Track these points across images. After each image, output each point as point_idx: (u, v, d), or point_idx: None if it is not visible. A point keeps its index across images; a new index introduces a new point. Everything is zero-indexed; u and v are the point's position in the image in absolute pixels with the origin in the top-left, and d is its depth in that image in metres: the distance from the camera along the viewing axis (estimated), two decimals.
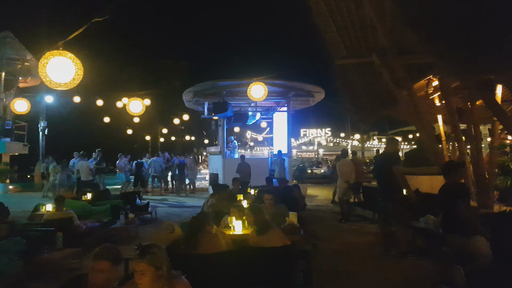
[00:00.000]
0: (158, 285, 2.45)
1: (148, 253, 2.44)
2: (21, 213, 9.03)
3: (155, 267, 2.43)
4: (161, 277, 2.45)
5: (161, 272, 2.45)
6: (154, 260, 2.43)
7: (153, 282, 2.43)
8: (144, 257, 2.43)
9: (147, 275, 2.41)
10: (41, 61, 4.97)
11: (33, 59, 18.37)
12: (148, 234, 7.64)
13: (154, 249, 2.49)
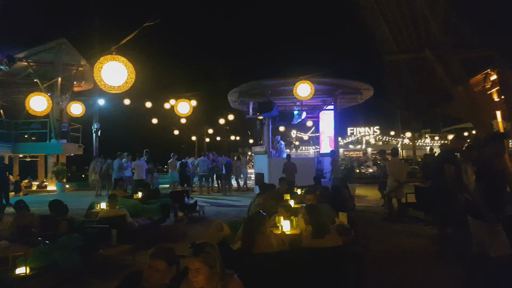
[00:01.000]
0: (212, 283, 2.52)
1: (202, 252, 2.52)
2: (77, 210, 9.60)
3: (209, 265, 2.50)
4: (215, 275, 2.52)
5: (215, 270, 2.51)
6: (208, 258, 2.51)
7: (207, 280, 2.50)
8: (198, 255, 2.51)
9: (201, 273, 2.48)
10: (96, 66, 5.27)
11: (86, 64, 19.49)
12: (197, 233, 7.85)
13: (207, 247, 2.57)
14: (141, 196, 9.31)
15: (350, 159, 23.42)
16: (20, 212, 6.09)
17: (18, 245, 5.33)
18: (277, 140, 15.95)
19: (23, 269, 4.73)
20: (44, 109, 7.83)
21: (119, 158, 14.47)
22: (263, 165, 14.43)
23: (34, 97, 7.86)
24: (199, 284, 2.51)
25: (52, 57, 18.67)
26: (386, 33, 7.18)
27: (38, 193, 18.29)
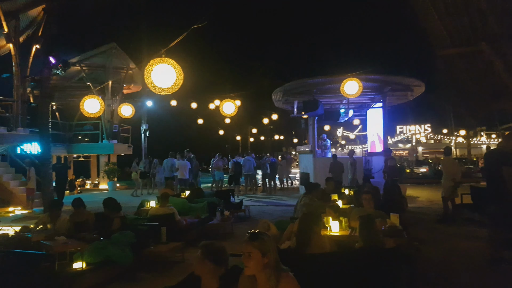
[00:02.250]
0: (264, 274, 2.54)
1: (257, 238, 2.57)
2: (126, 208, 10.04)
3: (262, 252, 2.52)
4: (267, 266, 2.53)
5: (267, 259, 2.53)
6: (261, 244, 2.54)
7: (258, 268, 2.52)
8: (253, 240, 2.56)
9: (253, 258, 2.51)
10: (147, 69, 5.49)
11: (135, 67, 20.30)
12: (243, 231, 7.93)
13: (264, 236, 2.62)
14: (187, 195, 9.56)
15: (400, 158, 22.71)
16: (77, 209, 6.45)
17: (75, 241, 5.63)
18: (323, 138, 15.77)
19: (80, 264, 5.01)
20: (97, 111, 8.26)
21: (171, 158, 14.94)
22: (308, 164, 14.33)
23: (88, 99, 8.31)
24: (251, 271, 2.54)
25: (103, 61, 19.61)
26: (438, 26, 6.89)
27: (91, 191, 19.30)
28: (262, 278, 2.55)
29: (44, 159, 11.24)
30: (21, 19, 13.78)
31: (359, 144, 38.64)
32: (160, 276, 5.39)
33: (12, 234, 6.60)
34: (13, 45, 13.42)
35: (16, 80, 13.69)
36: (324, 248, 3.74)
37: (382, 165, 13.75)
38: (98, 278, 5.14)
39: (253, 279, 2.59)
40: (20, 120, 13.74)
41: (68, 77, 19.41)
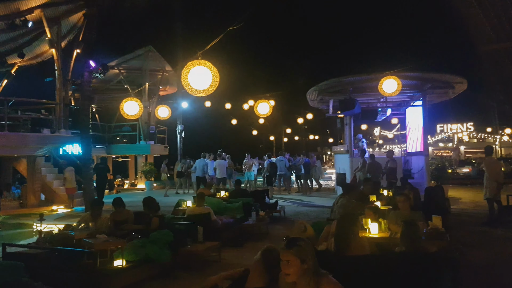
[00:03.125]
0: (304, 279, 2.53)
1: (295, 245, 2.56)
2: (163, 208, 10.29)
3: (301, 259, 2.52)
4: (306, 271, 2.53)
5: (306, 265, 2.52)
6: (300, 252, 2.53)
7: (298, 274, 2.53)
8: (290, 248, 2.55)
9: (293, 265, 2.51)
10: (183, 71, 5.61)
11: (171, 69, 20.78)
12: (278, 232, 7.95)
13: (301, 242, 2.60)
14: (224, 194, 9.69)
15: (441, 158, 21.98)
16: (117, 208, 6.69)
17: (115, 239, 5.83)
18: (358, 138, 15.51)
19: (120, 262, 5.19)
20: (136, 113, 8.53)
21: (203, 158, 15.21)
22: (345, 165, 14.13)
23: (127, 102, 8.59)
24: (291, 278, 2.54)
25: (140, 64, 20.19)
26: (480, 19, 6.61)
27: (129, 191, 19.91)
28: (302, 283, 2.54)
29: (85, 159, 11.72)
30: (63, 25, 14.37)
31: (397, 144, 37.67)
32: (198, 274, 5.48)
33: (56, 232, 6.94)
34: (55, 50, 14.05)
35: (59, 83, 14.31)
36: (364, 250, 3.67)
37: (422, 165, 13.40)
38: (138, 276, 5.30)
39: (293, 284, 2.59)
40: (63, 122, 14.37)
41: (107, 80, 20.11)
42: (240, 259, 6.23)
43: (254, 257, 2.98)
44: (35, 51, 15.84)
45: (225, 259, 6.17)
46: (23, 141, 13.13)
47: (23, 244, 6.64)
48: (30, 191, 13.72)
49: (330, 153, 35.06)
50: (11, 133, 12.95)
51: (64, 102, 14.66)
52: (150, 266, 5.47)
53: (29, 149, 13.41)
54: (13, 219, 11.34)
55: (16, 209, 13.03)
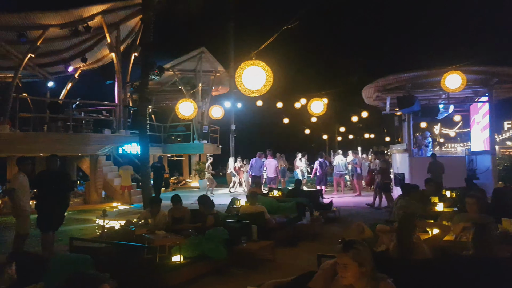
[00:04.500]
0: (362, 283, 2.50)
1: (352, 248, 2.52)
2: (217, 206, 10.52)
3: (358, 262, 2.48)
4: (364, 275, 2.48)
5: (364, 269, 2.48)
6: (357, 255, 2.49)
7: (355, 278, 2.49)
8: (347, 251, 2.52)
9: (350, 269, 2.48)
10: (237, 72, 5.71)
11: (223, 70, 21.19)
12: (333, 233, 7.85)
13: (358, 245, 2.56)
14: (277, 194, 9.72)
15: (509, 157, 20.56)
16: (175, 205, 6.96)
17: (173, 235, 6.06)
18: (425, 135, 14.91)
19: (178, 257, 5.39)
20: (191, 114, 8.81)
21: (259, 157, 15.38)
22: (403, 164, 13.64)
23: (182, 103, 8.90)
24: (347, 281, 2.50)
25: (193, 65, 20.77)
26: None
27: (183, 189, 20.57)
28: (359, 287, 2.50)
29: (143, 158, 12.26)
30: (122, 30, 15.14)
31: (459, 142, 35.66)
32: (252, 272, 5.57)
33: (118, 228, 7.35)
34: (115, 54, 14.84)
35: (118, 86, 15.12)
36: (425, 254, 3.54)
37: (489, 165, 12.67)
38: (194, 272, 5.48)
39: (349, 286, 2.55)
40: (122, 122, 15.17)
41: (162, 82, 20.91)
42: (294, 259, 6.24)
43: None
44: (96, 56, 16.83)
45: (279, 259, 6.21)
46: (86, 141, 14.04)
47: (88, 238, 7.06)
48: (93, 188, 14.63)
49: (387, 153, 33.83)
50: (75, 133, 13.89)
51: (123, 103, 15.46)
52: (206, 262, 5.63)
53: (92, 148, 14.29)
54: (77, 215, 12.11)
55: (80, 205, 13.94)
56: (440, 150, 27.83)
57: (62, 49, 15.54)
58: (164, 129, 22.92)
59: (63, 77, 18.13)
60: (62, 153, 12.23)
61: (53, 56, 15.93)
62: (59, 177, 6.96)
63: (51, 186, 6.68)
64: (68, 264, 4.14)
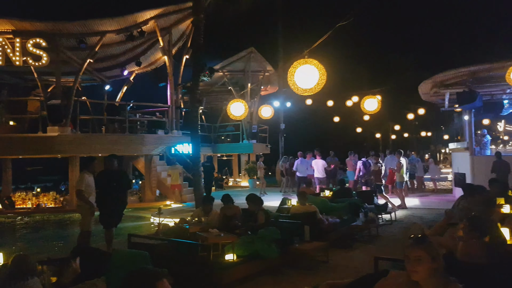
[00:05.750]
0: (432, 281, 2.39)
1: (425, 241, 2.45)
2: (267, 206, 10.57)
3: (432, 256, 2.38)
4: (436, 272, 2.38)
5: (436, 265, 2.38)
6: (431, 248, 2.41)
7: (428, 273, 2.39)
8: (421, 243, 2.44)
9: (423, 262, 2.38)
10: (290, 71, 5.70)
11: (272, 69, 21.25)
12: (389, 235, 7.64)
13: (429, 239, 2.49)
14: (328, 194, 9.60)
15: None
16: (226, 204, 7.08)
17: (226, 233, 6.17)
18: (483, 134, 14.09)
19: (231, 256, 5.48)
20: (242, 114, 8.92)
21: (304, 158, 15.29)
22: (464, 164, 12.97)
23: (234, 103, 9.04)
24: (419, 276, 2.40)
25: (242, 65, 21.02)
26: None
27: (233, 188, 20.87)
28: (429, 286, 2.40)
29: (195, 158, 12.59)
30: (173, 33, 15.67)
31: None
32: (306, 273, 5.54)
33: (172, 225, 7.61)
34: (167, 57, 15.37)
35: (170, 88, 15.65)
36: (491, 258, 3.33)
37: None
38: (247, 270, 5.54)
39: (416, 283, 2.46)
40: (175, 123, 15.69)
41: (212, 82, 21.32)
42: (349, 261, 6.13)
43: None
44: (149, 59, 17.52)
45: (333, 260, 6.13)
46: (142, 142, 14.67)
47: (145, 235, 7.36)
48: (147, 187, 15.25)
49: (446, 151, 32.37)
50: (131, 134, 14.55)
51: (176, 105, 15.97)
52: (259, 262, 5.67)
53: (146, 148, 14.90)
54: (133, 212, 12.67)
55: (136, 203, 14.57)
56: (504, 148, 26.08)
57: (118, 54, 16.34)
58: (214, 129, 23.40)
59: (119, 80, 19.08)
60: (119, 153, 12.88)
61: (110, 60, 16.78)
62: (118, 176, 7.32)
63: (111, 185, 7.04)
64: (128, 260, 4.36)
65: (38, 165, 25.83)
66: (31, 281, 3.64)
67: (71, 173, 13.95)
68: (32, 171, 26.01)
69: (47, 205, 14.17)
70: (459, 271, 2.78)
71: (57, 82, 14.11)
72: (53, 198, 14.41)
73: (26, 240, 10.26)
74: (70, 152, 13.67)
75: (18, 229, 11.68)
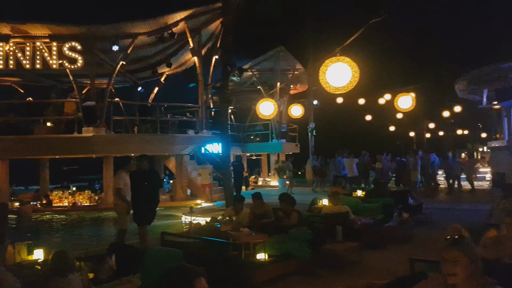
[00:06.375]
0: (470, 284, 2.32)
1: (462, 242, 2.37)
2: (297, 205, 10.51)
3: (469, 258, 2.31)
4: (474, 274, 2.31)
5: (474, 266, 2.30)
6: (468, 250, 2.34)
7: (465, 276, 2.31)
8: (458, 244, 2.37)
9: (460, 264, 2.31)
10: (321, 69, 5.66)
11: (302, 68, 21.13)
12: (425, 236, 7.44)
13: (467, 240, 2.41)
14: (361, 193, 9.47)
15: None
16: (256, 202, 7.10)
17: (257, 232, 6.18)
18: None
19: (263, 255, 5.50)
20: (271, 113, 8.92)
21: (340, 156, 15.15)
22: (504, 163, 12.45)
23: (263, 103, 9.05)
24: (456, 279, 2.32)
25: (271, 64, 21.03)
26: None
27: (262, 188, 20.89)
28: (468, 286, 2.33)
29: (225, 158, 12.69)
30: (203, 34, 15.84)
31: None
32: (338, 274, 5.48)
33: (204, 224, 7.71)
34: (197, 58, 15.56)
35: (200, 88, 15.84)
36: None
37: None
38: (279, 270, 5.54)
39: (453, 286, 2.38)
40: (205, 123, 15.88)
41: (241, 82, 21.37)
42: (383, 262, 6.02)
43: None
44: (180, 60, 17.79)
45: (366, 261, 6.03)
46: (173, 141, 14.93)
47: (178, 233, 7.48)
48: (178, 186, 15.52)
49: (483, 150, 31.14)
50: (162, 134, 14.84)
51: (206, 105, 16.15)
52: (290, 262, 5.67)
53: (177, 148, 15.16)
54: (165, 211, 12.88)
55: (167, 202, 14.84)
56: None
57: (149, 56, 16.69)
58: (243, 128, 23.52)
59: (150, 81, 19.49)
60: (151, 152, 13.18)
61: (141, 62, 17.16)
62: (150, 175, 7.48)
63: (144, 184, 7.21)
64: (161, 257, 4.44)
65: (74, 165, 26.78)
66: (70, 277, 3.78)
67: (105, 172, 14.39)
68: (68, 170, 26.98)
69: (82, 203, 14.67)
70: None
71: (92, 84, 14.57)
72: (88, 197, 14.90)
73: (63, 237, 10.65)
74: (104, 152, 14.09)
75: (55, 227, 12.13)
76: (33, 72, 15.21)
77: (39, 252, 5.38)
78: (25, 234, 10.24)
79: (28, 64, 13.40)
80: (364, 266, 5.85)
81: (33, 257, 5.35)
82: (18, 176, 18.41)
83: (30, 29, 13.29)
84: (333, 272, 5.66)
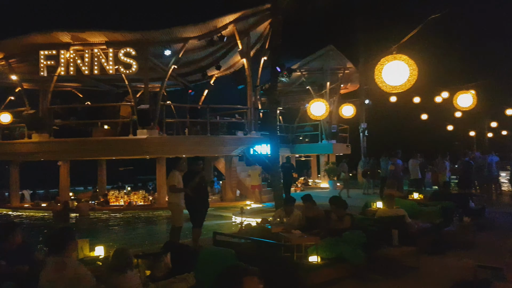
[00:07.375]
0: None
1: None
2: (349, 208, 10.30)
3: None
4: None
5: None
6: None
7: None
8: None
9: None
10: (377, 67, 5.52)
11: (352, 66, 20.71)
12: (488, 241, 7.03)
13: None
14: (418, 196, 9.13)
15: None
16: (307, 204, 7.07)
17: (309, 235, 6.14)
18: None
19: (315, 258, 5.45)
20: (323, 114, 8.83)
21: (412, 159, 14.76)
22: None
23: (314, 103, 8.98)
24: None
25: (320, 64, 20.77)
26: None
27: (312, 189, 20.67)
28: None
29: (273, 159, 12.72)
30: (251, 36, 15.99)
31: None
32: (394, 280, 5.32)
33: (255, 225, 7.78)
34: (246, 60, 15.73)
35: (249, 90, 16.00)
36: None
37: None
38: (332, 274, 5.46)
39: None
40: (253, 124, 16.02)
41: (290, 83, 21.36)
42: (443, 269, 5.74)
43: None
44: (229, 63, 18.08)
45: (424, 267, 5.80)
46: (222, 143, 15.22)
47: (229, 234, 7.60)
48: (228, 187, 15.78)
49: None
50: (212, 136, 15.16)
51: (254, 106, 16.30)
52: (343, 265, 5.57)
53: (227, 149, 15.43)
54: (215, 211, 13.14)
55: (217, 203, 15.13)
56: None
57: (199, 59, 17.11)
58: (292, 129, 23.43)
59: (200, 84, 19.97)
60: (201, 154, 13.52)
61: (192, 65, 17.63)
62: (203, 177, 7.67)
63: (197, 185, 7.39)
64: (215, 257, 4.55)
65: (129, 166, 28.02)
66: (130, 273, 3.96)
67: (159, 173, 14.94)
68: (124, 171, 28.28)
69: (137, 202, 15.32)
70: None
71: (145, 88, 15.18)
72: (142, 196, 15.55)
73: (120, 235, 11.19)
74: (157, 153, 14.64)
75: (112, 225, 12.76)
76: (91, 77, 16.06)
77: (100, 249, 5.66)
78: (84, 232, 10.86)
79: (87, 70, 14.19)
80: (422, 272, 5.64)
81: (95, 253, 5.64)
82: (77, 177, 19.55)
83: (89, 36, 14.07)
84: (389, 277, 5.49)
